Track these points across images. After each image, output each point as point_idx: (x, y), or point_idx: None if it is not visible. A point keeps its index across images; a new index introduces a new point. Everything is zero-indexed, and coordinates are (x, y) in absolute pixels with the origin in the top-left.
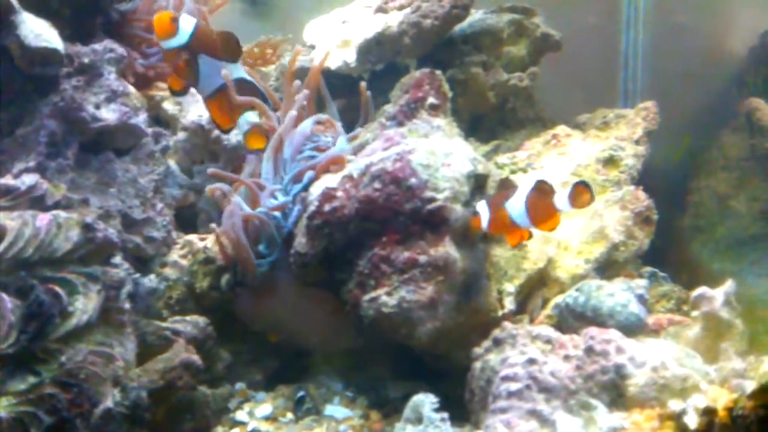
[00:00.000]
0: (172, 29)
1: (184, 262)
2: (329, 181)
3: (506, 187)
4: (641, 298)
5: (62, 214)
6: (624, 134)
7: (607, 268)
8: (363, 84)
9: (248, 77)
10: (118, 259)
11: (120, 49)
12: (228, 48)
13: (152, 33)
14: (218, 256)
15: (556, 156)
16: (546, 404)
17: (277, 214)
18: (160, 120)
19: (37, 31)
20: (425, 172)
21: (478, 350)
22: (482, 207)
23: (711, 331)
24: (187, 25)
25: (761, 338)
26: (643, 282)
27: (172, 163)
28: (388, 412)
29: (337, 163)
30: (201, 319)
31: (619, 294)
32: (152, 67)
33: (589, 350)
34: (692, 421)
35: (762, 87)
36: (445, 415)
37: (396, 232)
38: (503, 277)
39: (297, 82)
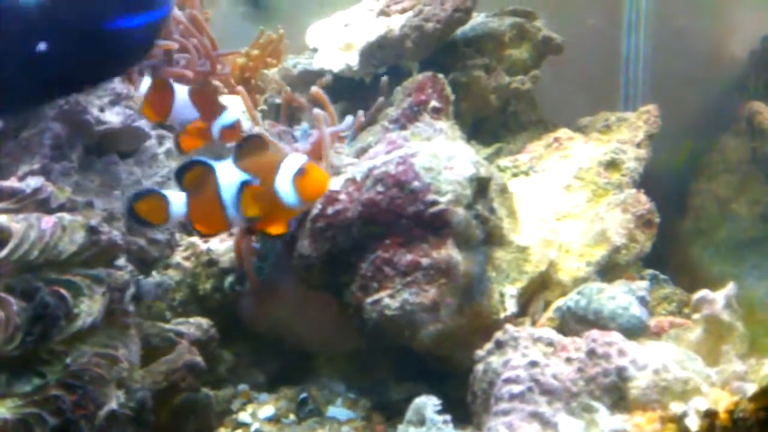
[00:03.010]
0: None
1: (188, 264)
2: (332, 184)
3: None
4: (642, 301)
5: (67, 216)
6: (626, 137)
7: (608, 270)
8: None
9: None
10: (122, 261)
11: None
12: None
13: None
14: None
15: (558, 159)
16: (548, 406)
17: None
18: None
19: None
20: (428, 175)
21: (480, 353)
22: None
23: (712, 333)
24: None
25: (762, 341)
26: (644, 284)
27: (175, 165)
28: (390, 414)
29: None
30: (204, 321)
31: (620, 297)
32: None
33: (591, 353)
34: (693, 423)
35: (763, 91)
36: (448, 417)
37: (399, 235)
38: (505, 279)
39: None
